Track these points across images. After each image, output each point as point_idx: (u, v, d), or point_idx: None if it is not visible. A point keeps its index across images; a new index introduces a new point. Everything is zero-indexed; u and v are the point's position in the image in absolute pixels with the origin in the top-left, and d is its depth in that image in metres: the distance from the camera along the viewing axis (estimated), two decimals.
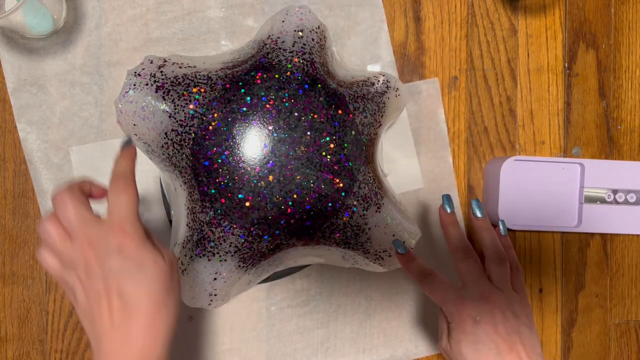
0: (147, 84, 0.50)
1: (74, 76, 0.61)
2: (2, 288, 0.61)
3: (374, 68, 0.64)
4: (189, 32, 0.62)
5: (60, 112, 0.61)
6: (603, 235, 0.68)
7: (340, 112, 0.52)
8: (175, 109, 0.50)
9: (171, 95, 0.50)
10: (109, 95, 0.61)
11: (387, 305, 0.65)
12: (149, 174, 0.62)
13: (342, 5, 0.64)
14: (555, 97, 0.67)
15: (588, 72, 0.67)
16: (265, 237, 0.51)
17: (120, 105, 0.51)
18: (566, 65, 0.67)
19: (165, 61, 0.52)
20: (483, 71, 0.66)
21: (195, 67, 0.52)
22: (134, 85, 0.51)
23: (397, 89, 0.57)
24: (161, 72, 0.51)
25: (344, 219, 0.53)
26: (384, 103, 0.55)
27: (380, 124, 0.56)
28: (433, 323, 0.65)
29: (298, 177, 0.51)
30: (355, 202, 0.53)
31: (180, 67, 0.52)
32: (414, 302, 0.65)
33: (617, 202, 0.66)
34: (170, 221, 0.62)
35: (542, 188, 0.65)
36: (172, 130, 0.50)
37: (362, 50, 0.64)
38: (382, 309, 0.65)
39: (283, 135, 0.51)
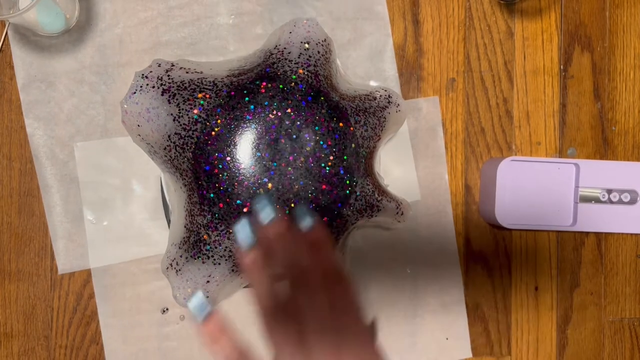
0: (153, 87, 0.51)
1: (83, 75, 0.62)
2: (8, 285, 0.62)
3: (377, 83, 0.65)
4: (198, 37, 0.63)
5: (68, 110, 0.62)
6: (597, 234, 0.69)
7: (341, 125, 0.53)
8: (180, 112, 0.51)
9: (176, 99, 0.51)
10: (116, 95, 0.62)
11: (388, 305, 0.65)
12: (150, 173, 0.63)
13: (348, 18, 0.64)
14: (551, 98, 0.68)
15: (583, 74, 0.68)
16: None
17: (125, 106, 0.52)
18: (562, 67, 0.68)
19: (173, 65, 0.53)
20: (480, 73, 0.67)
21: (201, 72, 0.53)
22: (141, 87, 0.51)
23: (399, 104, 0.57)
24: (168, 75, 0.52)
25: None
26: (384, 117, 0.56)
27: (380, 138, 0.56)
28: (432, 328, 0.66)
29: (296, 187, 0.51)
30: (349, 213, 0.54)
31: (187, 72, 0.53)
32: (415, 303, 0.66)
33: (611, 202, 0.67)
34: (169, 221, 0.63)
35: (538, 188, 0.66)
36: (176, 133, 0.51)
37: (367, 62, 0.65)
38: (383, 309, 0.65)
39: (284, 145, 0.51)
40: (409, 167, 0.66)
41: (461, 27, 0.66)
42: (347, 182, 0.53)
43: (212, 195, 0.51)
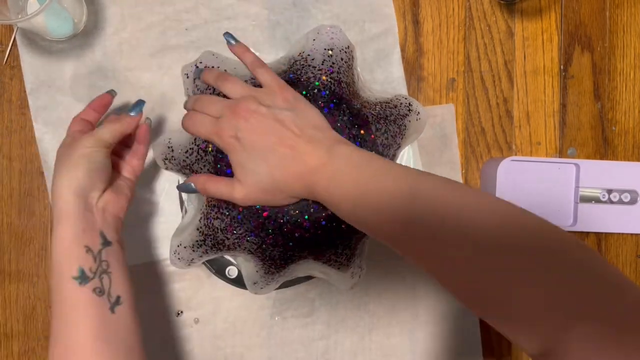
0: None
1: (91, 79, 0.62)
2: (8, 285, 0.62)
3: (393, 89, 0.65)
4: (205, 41, 0.63)
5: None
6: (598, 234, 0.69)
7: (362, 132, 0.52)
8: None
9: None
10: (124, 99, 0.62)
11: (389, 321, 0.65)
12: (164, 176, 0.63)
13: (355, 20, 0.64)
14: (551, 98, 0.68)
15: (583, 74, 0.68)
16: (279, 247, 0.52)
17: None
18: (562, 67, 0.68)
19: (200, 63, 0.53)
20: (480, 73, 0.67)
21: (225, 71, 0.53)
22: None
23: (419, 112, 0.57)
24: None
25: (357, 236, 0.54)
26: (405, 125, 0.56)
27: (399, 146, 0.56)
28: (433, 343, 0.66)
29: None
30: None
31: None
32: (416, 321, 0.66)
33: (611, 202, 0.67)
34: None
35: (538, 188, 0.66)
36: None
37: (373, 64, 0.64)
38: (384, 325, 0.65)
39: None
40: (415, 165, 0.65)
41: (461, 27, 0.66)
42: None
43: None
